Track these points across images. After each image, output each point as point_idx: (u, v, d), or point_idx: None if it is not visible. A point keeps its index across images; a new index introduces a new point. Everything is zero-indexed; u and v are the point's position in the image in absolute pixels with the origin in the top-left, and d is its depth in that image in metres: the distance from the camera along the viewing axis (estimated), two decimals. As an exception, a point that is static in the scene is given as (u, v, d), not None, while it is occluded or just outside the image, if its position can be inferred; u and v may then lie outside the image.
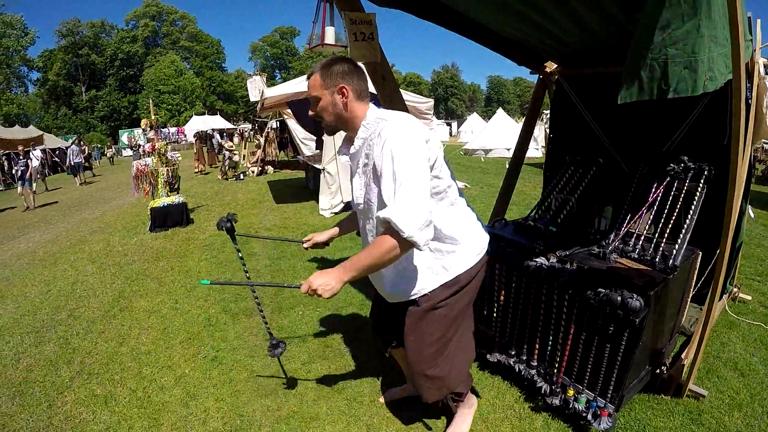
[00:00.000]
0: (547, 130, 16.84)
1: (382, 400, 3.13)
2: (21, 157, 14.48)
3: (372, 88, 2.41)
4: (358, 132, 2.06)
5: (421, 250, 1.90)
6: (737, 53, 2.08)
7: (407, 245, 1.82)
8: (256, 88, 14.24)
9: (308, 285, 1.88)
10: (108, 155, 35.20)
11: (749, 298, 4.72)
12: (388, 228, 1.80)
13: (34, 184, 16.74)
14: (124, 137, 41.93)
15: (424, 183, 1.83)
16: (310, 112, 2.16)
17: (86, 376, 3.66)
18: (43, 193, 16.34)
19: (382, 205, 1.88)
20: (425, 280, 2.19)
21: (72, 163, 20.10)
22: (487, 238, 2.38)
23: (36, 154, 17.92)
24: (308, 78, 2.11)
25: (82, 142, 24.11)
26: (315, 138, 12.99)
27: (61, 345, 4.20)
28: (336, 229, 2.75)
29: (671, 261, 2.83)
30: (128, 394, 3.37)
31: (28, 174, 13.48)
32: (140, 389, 3.42)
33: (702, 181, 3.22)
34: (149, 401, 3.27)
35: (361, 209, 2.20)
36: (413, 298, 2.22)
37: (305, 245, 2.74)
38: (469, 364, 2.48)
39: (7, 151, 22.88)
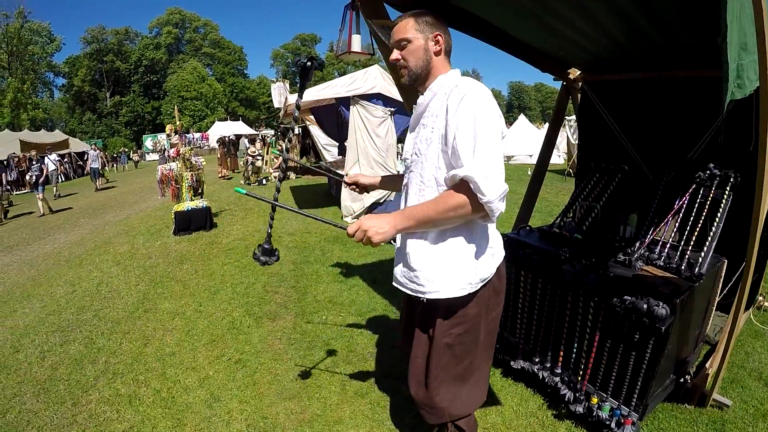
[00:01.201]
0: (569, 137, 16.75)
1: None
2: (34, 162, 14.11)
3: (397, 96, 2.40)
4: (431, 86, 1.96)
5: (492, 221, 1.78)
6: (764, 59, 2.07)
7: (480, 211, 1.69)
8: (280, 95, 14.39)
9: (358, 226, 1.72)
10: (134, 159, 35.74)
11: (775, 306, 4.65)
12: (464, 187, 1.68)
13: (54, 188, 16.95)
14: (148, 142, 42.58)
15: (501, 153, 1.74)
16: (392, 57, 2.02)
17: (111, 375, 3.73)
18: (57, 199, 16.46)
19: (439, 161, 1.84)
20: (442, 279, 1.93)
21: (90, 169, 20.19)
22: (497, 261, 2.10)
23: (52, 158, 18.02)
24: (395, 23, 2.01)
25: (95, 147, 24.24)
26: (337, 144, 13.05)
27: (86, 344, 4.28)
28: (379, 179, 2.61)
29: (697, 269, 2.81)
30: (152, 394, 3.43)
31: (42, 179, 13.26)
32: (164, 390, 3.47)
33: (728, 188, 3.18)
34: (173, 402, 3.32)
35: (407, 163, 2.08)
36: (421, 295, 1.97)
37: (347, 179, 2.60)
38: (474, 406, 2.22)
39: (43, 154, 23.30)
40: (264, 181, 16.51)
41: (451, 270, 1.92)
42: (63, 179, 25.71)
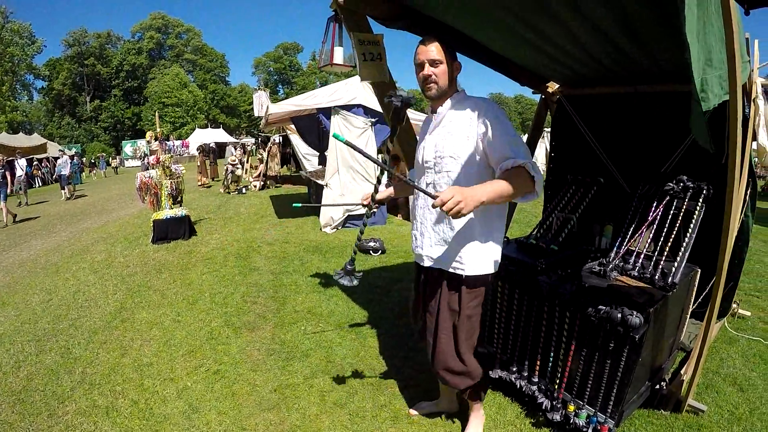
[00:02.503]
0: (548, 148, 16.90)
1: (412, 412, 3.15)
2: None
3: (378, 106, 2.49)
4: (447, 101, 2.40)
5: (537, 197, 2.19)
6: (734, 74, 2.13)
7: (533, 189, 2.09)
8: (261, 104, 14.36)
9: (453, 193, 1.82)
10: (113, 165, 35.34)
11: (748, 314, 4.76)
12: (522, 171, 2.06)
13: (22, 195, 16.40)
14: (127, 148, 42.19)
15: None
16: (425, 73, 2.34)
17: (87, 386, 3.66)
18: (23, 207, 15.91)
19: (476, 159, 2.27)
20: (482, 259, 2.41)
21: (59, 175, 18.36)
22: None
23: (21, 164, 17.50)
24: (430, 41, 2.33)
25: (63, 152, 23.42)
26: (318, 153, 13.04)
27: (62, 354, 4.21)
28: (392, 189, 3.04)
29: (670, 278, 2.87)
30: (130, 405, 3.38)
31: (9, 187, 12.37)
32: (142, 401, 3.43)
33: (701, 200, 3.26)
34: (151, 413, 3.27)
35: (429, 165, 2.44)
36: (461, 272, 2.41)
37: (364, 202, 2.85)
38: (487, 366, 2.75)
39: (10, 158, 22.76)
40: (244, 190, 16.38)
41: (489, 252, 2.42)
42: (40, 184, 25.30)
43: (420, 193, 2.46)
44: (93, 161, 34.24)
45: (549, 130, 5.01)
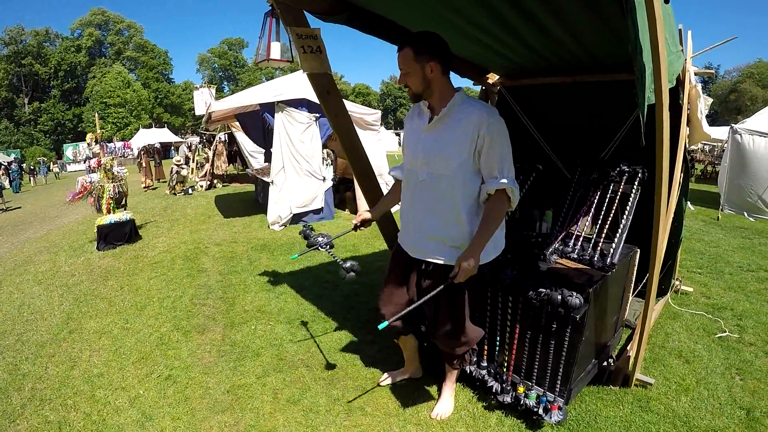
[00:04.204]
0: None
1: (382, 382, 3.34)
2: None
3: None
4: (447, 103, 2.40)
5: (510, 209, 2.46)
6: (657, 62, 2.21)
7: (509, 206, 2.41)
8: (203, 101, 13.95)
9: (464, 273, 2.27)
10: (54, 170, 33.97)
11: (691, 290, 5.00)
12: (502, 194, 2.36)
13: None
14: (68, 152, 40.52)
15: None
16: (399, 82, 2.44)
17: (38, 402, 3.54)
18: None
19: (470, 162, 2.38)
20: (490, 251, 2.59)
21: None
22: None
23: None
24: (400, 49, 2.37)
25: None
26: (263, 150, 12.84)
27: (10, 371, 4.04)
28: (383, 207, 3.24)
29: (609, 259, 2.98)
30: (83, 418, 3.28)
31: None
32: (95, 413, 3.33)
33: (636, 182, 3.38)
34: (104, 425, 3.19)
35: (422, 161, 2.51)
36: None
37: (356, 221, 3.14)
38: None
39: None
40: (190, 191, 15.93)
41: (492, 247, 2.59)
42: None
43: (415, 193, 2.60)
44: (33, 167, 32.64)
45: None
